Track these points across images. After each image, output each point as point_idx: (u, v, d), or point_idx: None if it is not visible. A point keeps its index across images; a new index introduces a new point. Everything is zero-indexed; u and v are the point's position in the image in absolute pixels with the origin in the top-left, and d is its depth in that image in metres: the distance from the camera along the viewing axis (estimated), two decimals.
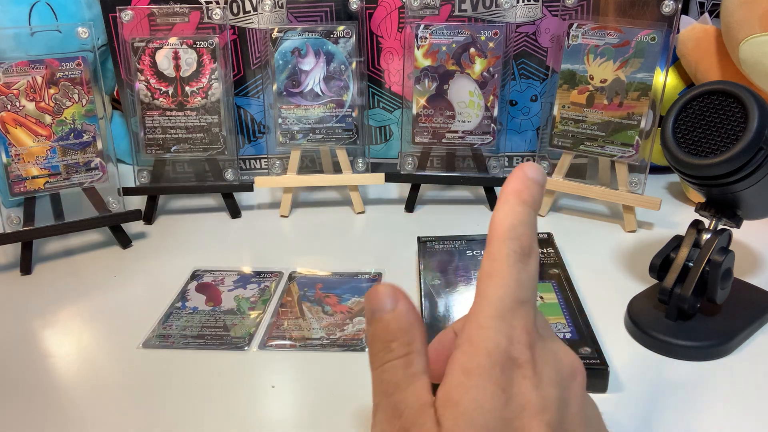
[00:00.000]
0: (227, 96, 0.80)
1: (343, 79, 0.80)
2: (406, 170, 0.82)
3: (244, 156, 0.92)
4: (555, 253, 0.66)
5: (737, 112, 0.50)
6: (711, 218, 0.56)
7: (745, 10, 0.70)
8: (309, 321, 0.60)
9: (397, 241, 0.75)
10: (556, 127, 0.77)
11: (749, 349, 0.54)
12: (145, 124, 0.80)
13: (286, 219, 0.83)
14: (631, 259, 0.69)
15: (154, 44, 0.78)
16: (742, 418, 0.47)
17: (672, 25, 0.70)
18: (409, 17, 0.79)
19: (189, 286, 0.67)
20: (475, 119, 0.79)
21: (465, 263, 0.65)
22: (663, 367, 0.53)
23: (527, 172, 0.30)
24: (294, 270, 0.69)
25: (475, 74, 0.78)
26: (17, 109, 0.70)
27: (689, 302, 0.53)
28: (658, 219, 0.77)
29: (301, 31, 0.79)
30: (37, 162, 0.71)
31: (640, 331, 0.55)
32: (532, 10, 0.82)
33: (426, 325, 0.56)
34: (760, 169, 0.51)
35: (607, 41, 0.72)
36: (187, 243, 0.77)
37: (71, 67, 0.71)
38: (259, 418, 0.49)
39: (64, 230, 0.73)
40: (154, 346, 0.58)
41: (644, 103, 0.72)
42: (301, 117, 0.81)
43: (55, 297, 0.67)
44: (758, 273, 0.65)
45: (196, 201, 0.88)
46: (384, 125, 0.90)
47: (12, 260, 0.74)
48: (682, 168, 0.53)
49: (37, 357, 0.57)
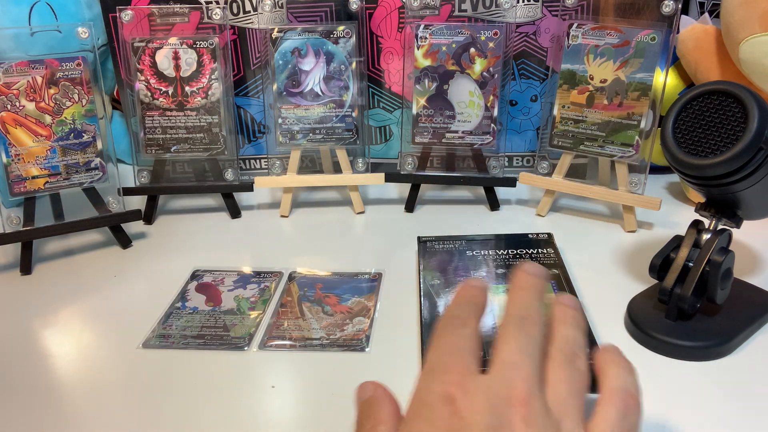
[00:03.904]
0: (227, 96, 0.80)
1: (343, 79, 0.80)
2: (406, 170, 0.82)
3: (244, 156, 0.92)
4: (555, 253, 0.66)
5: (737, 112, 0.50)
6: (711, 218, 0.56)
7: (745, 10, 0.70)
8: (309, 321, 0.60)
9: (397, 241, 0.75)
10: (556, 127, 0.77)
11: (749, 349, 0.54)
12: (145, 124, 0.80)
13: (286, 219, 0.83)
14: (631, 259, 0.69)
15: (154, 44, 0.78)
16: (742, 418, 0.47)
17: (672, 25, 0.70)
18: (409, 17, 0.79)
19: (189, 286, 0.67)
20: (475, 119, 0.79)
21: (465, 263, 0.65)
22: (663, 367, 0.53)
23: (528, 270, 0.37)
24: (294, 270, 0.69)
25: (475, 74, 0.78)
26: (17, 109, 0.70)
27: (689, 302, 0.53)
28: (658, 219, 0.77)
29: (301, 31, 0.79)
30: (37, 162, 0.71)
31: (640, 331, 0.55)
32: (532, 10, 0.82)
33: (425, 325, 0.56)
34: (760, 169, 0.51)
35: (607, 41, 0.72)
36: (187, 243, 0.77)
37: (71, 67, 0.71)
38: (258, 418, 0.49)
39: (64, 230, 0.73)
40: (154, 346, 0.58)
41: (644, 103, 0.72)
42: (301, 117, 0.81)
43: (55, 297, 0.67)
44: (758, 273, 0.65)
45: (196, 201, 0.88)
46: (384, 125, 0.90)
47: (12, 260, 0.74)
48: (682, 168, 0.53)
49: (37, 357, 0.57)
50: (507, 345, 0.32)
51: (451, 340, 0.33)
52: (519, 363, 0.31)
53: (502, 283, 0.61)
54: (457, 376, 0.31)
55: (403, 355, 0.55)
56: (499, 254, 0.66)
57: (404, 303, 0.62)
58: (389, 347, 0.56)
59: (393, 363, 0.55)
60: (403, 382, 0.53)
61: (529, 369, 0.31)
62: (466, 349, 0.32)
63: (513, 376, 0.30)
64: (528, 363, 0.31)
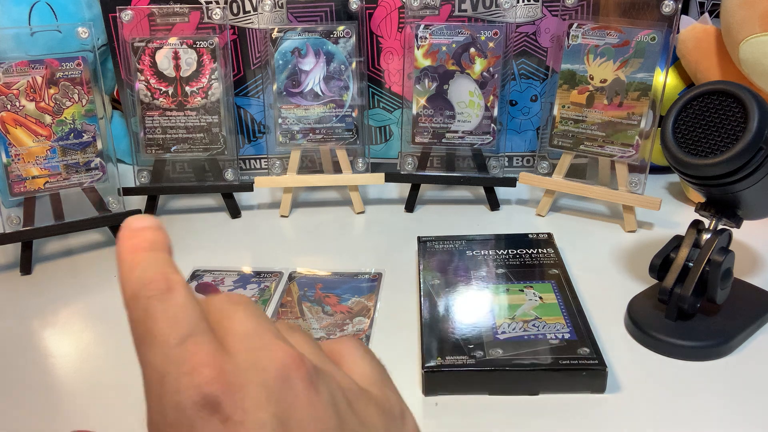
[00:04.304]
0: (227, 96, 0.80)
1: (343, 79, 0.80)
2: (406, 170, 0.82)
3: (244, 156, 0.92)
4: (555, 253, 0.66)
5: (737, 112, 0.50)
6: (711, 218, 0.56)
7: (745, 10, 0.70)
8: (309, 321, 0.60)
9: (397, 241, 0.75)
10: (556, 127, 0.77)
11: (749, 349, 0.54)
12: (145, 124, 0.80)
13: (286, 219, 0.83)
14: (631, 259, 0.69)
15: (154, 44, 0.78)
16: (742, 418, 0.47)
17: (672, 25, 0.70)
18: (409, 17, 0.79)
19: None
20: (475, 119, 0.79)
21: (465, 263, 0.65)
22: (663, 367, 0.53)
23: (131, 225, 0.26)
24: (294, 270, 0.69)
25: (475, 74, 0.78)
26: (17, 109, 0.70)
27: (689, 302, 0.53)
28: (658, 219, 0.77)
29: (301, 31, 0.79)
30: (37, 162, 0.71)
31: (640, 331, 0.55)
32: (532, 10, 0.82)
33: (426, 325, 0.56)
34: (760, 169, 0.51)
35: (607, 41, 0.72)
36: (187, 243, 0.77)
37: (71, 67, 0.71)
38: None
39: (64, 230, 0.73)
40: None
41: (644, 103, 0.72)
42: (301, 117, 0.81)
43: (55, 297, 0.67)
44: (758, 273, 0.65)
45: (196, 201, 0.88)
46: (384, 125, 0.90)
47: (12, 260, 0.74)
48: (682, 168, 0.53)
49: (37, 357, 0.57)
50: (231, 318, 0.25)
51: (170, 313, 0.24)
52: (259, 329, 0.24)
53: (502, 283, 0.61)
54: (206, 369, 0.22)
55: (403, 355, 0.55)
56: (499, 254, 0.66)
57: (404, 303, 0.62)
58: (389, 347, 0.56)
59: (393, 363, 0.54)
60: (403, 382, 0.53)
61: (271, 330, 0.25)
62: (193, 323, 0.24)
63: (265, 344, 0.24)
64: (266, 325, 0.25)
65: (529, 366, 0.50)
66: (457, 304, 0.58)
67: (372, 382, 0.27)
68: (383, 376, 0.29)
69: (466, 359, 0.51)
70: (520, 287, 0.60)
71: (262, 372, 0.23)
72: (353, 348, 0.29)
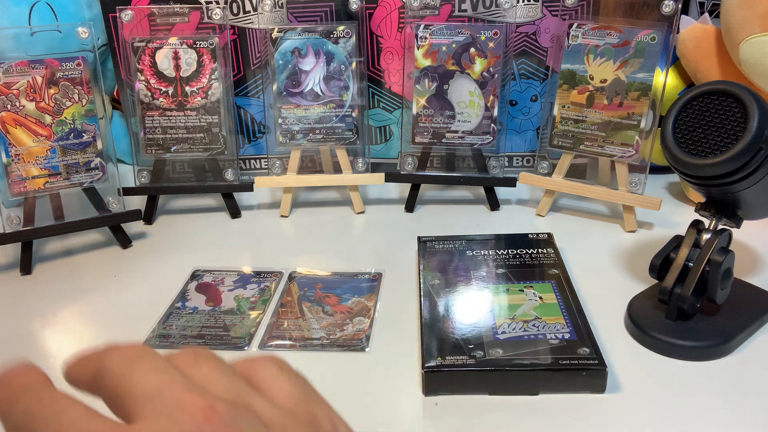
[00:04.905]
0: (227, 96, 0.80)
1: (343, 79, 0.80)
2: (406, 170, 0.82)
3: (244, 156, 0.92)
4: (555, 253, 0.66)
5: (737, 112, 0.50)
6: (711, 218, 0.56)
7: (745, 10, 0.70)
8: (309, 321, 0.60)
9: (397, 241, 0.75)
10: (556, 127, 0.77)
11: (749, 349, 0.54)
12: (145, 124, 0.80)
13: (286, 219, 0.83)
14: (631, 259, 0.69)
15: (154, 44, 0.78)
16: (742, 418, 0.47)
17: (672, 25, 0.70)
18: (409, 17, 0.79)
19: (189, 286, 0.67)
20: (475, 119, 0.79)
21: (465, 263, 0.65)
22: (663, 367, 0.53)
23: None
24: (294, 270, 0.69)
25: (475, 74, 0.78)
26: (17, 109, 0.70)
27: (689, 302, 0.53)
28: (658, 219, 0.77)
29: (301, 31, 0.79)
30: (37, 162, 0.71)
31: (640, 331, 0.55)
32: (532, 10, 0.82)
33: (426, 325, 0.56)
34: (760, 169, 0.51)
35: (607, 41, 0.72)
36: (187, 243, 0.77)
37: (71, 67, 0.71)
38: None
39: (64, 230, 0.73)
40: (154, 346, 0.58)
41: (644, 103, 0.72)
42: (301, 117, 0.81)
43: (55, 297, 0.67)
44: (758, 273, 0.65)
45: (196, 201, 0.88)
46: (384, 125, 0.90)
47: (12, 260, 0.74)
48: (682, 168, 0.53)
49: (37, 357, 0.57)
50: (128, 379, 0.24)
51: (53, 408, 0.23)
52: (161, 386, 0.23)
53: (502, 283, 0.61)
54: None
55: (403, 355, 0.55)
56: (499, 254, 0.66)
57: (404, 303, 0.62)
58: (389, 347, 0.57)
59: (393, 363, 0.55)
60: (403, 382, 0.53)
61: (175, 381, 0.23)
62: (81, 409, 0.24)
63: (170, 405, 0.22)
64: (169, 376, 0.23)
65: (529, 366, 0.50)
66: (457, 304, 0.58)
67: (295, 402, 0.26)
68: (305, 390, 0.28)
69: (466, 359, 0.51)
70: (520, 287, 0.60)
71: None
72: (268, 367, 0.27)
